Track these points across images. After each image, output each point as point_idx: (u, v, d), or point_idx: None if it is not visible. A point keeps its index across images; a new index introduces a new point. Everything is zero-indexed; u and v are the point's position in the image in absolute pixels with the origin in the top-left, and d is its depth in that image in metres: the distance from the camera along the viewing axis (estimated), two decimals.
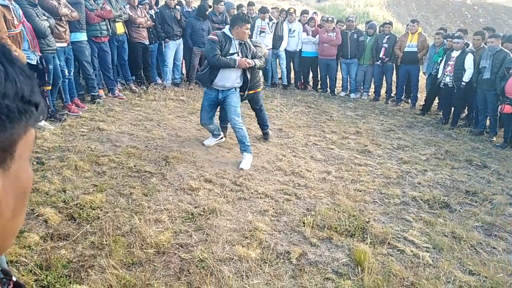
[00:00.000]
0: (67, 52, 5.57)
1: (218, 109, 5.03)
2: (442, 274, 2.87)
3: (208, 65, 4.53)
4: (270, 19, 8.31)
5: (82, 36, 5.93)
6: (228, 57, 4.40)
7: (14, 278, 0.53)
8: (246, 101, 5.24)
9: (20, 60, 0.43)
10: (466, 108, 7.54)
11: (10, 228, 0.44)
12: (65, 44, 5.46)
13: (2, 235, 0.43)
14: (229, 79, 4.52)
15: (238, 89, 4.64)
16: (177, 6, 7.66)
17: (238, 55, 4.44)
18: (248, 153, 4.60)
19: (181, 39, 7.64)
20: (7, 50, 0.41)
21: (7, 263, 2.41)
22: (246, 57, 4.50)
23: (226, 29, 4.49)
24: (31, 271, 2.50)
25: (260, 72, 5.29)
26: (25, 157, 0.44)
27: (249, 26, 4.45)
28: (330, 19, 8.51)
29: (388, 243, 3.21)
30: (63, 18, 5.33)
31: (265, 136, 5.54)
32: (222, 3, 8.05)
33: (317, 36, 8.49)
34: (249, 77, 4.63)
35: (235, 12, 8.26)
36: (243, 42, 4.50)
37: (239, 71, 4.53)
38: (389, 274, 2.85)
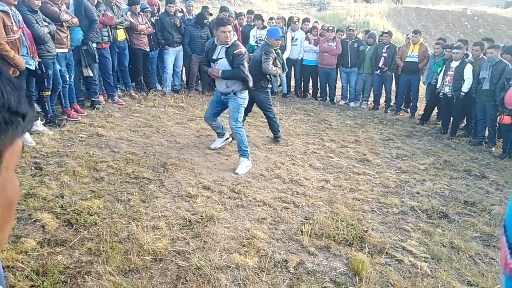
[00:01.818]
0: (68, 58, 5.59)
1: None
2: (440, 285, 2.86)
3: None
4: (264, 27, 8.30)
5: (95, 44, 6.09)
6: (210, 65, 4.67)
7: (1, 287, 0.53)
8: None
9: (7, 72, 0.43)
10: (465, 118, 7.56)
11: None
12: (66, 50, 5.47)
13: None
14: (219, 84, 4.75)
15: (240, 94, 4.64)
16: (177, 13, 7.70)
17: (220, 61, 4.56)
18: (244, 158, 4.62)
19: (181, 46, 7.67)
20: None
21: (3, 268, 2.39)
22: (232, 62, 4.49)
23: None
24: (27, 276, 2.48)
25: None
26: (11, 168, 0.43)
27: (226, 28, 4.44)
28: (330, 28, 8.55)
29: (386, 252, 3.20)
30: (64, 24, 5.35)
31: (276, 140, 5.78)
32: (226, 12, 8.08)
33: (319, 45, 8.53)
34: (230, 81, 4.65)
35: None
36: (228, 46, 4.50)
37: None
38: (387, 284, 2.83)
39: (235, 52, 4.47)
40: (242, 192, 4.02)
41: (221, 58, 4.53)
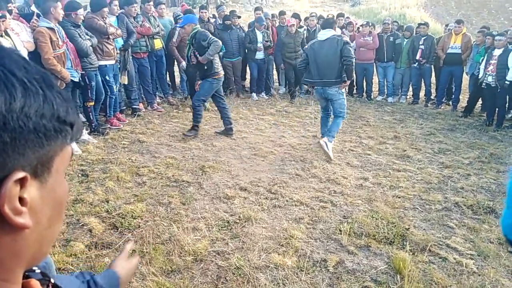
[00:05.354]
0: (115, 69, 5.78)
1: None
2: (488, 283, 2.75)
3: None
4: (301, 27, 8.31)
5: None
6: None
7: (52, 280, 0.58)
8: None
9: (58, 85, 0.48)
10: None
11: (46, 236, 0.49)
12: (113, 62, 5.65)
13: (40, 242, 0.48)
14: None
15: None
16: (211, 20, 7.83)
17: None
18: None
19: None
20: (47, 76, 0.46)
21: (56, 270, 2.55)
22: None
23: None
24: None
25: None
26: (61, 172, 0.49)
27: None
28: (364, 23, 8.44)
29: (429, 250, 3.12)
30: (110, 36, 5.55)
31: (229, 131, 5.79)
32: (260, 11, 8.21)
33: (355, 41, 8.41)
34: None
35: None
36: None
37: None
38: (430, 282, 2.76)
39: None
40: (278, 192, 4.04)
41: None
